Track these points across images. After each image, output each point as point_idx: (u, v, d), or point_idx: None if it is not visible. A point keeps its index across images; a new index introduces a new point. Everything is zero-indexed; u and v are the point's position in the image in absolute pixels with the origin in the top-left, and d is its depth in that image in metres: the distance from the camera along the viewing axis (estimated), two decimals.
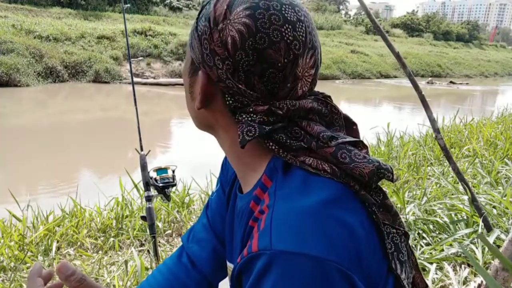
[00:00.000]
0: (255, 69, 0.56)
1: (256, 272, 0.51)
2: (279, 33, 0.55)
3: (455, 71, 31.17)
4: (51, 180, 5.15)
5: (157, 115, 10.31)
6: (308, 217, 0.52)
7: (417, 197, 2.91)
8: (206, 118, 0.66)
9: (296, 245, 0.50)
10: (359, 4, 2.25)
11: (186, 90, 0.68)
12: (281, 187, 0.58)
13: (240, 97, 0.59)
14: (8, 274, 2.11)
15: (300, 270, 0.49)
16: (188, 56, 0.65)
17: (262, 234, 0.53)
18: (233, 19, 0.56)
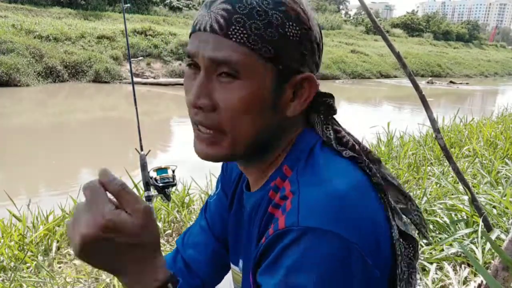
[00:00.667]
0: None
1: (281, 246, 0.53)
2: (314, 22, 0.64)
3: (455, 71, 31.16)
4: (51, 180, 5.15)
5: (157, 115, 10.30)
6: (335, 199, 0.55)
7: (417, 197, 2.90)
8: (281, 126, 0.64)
9: (323, 223, 0.52)
10: (359, 4, 2.25)
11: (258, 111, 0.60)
12: (304, 174, 0.60)
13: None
14: (8, 274, 2.11)
15: (324, 247, 0.51)
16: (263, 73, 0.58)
17: (290, 213, 0.55)
18: (310, 16, 0.61)
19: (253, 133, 0.61)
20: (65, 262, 2.34)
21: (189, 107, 0.63)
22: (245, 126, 0.60)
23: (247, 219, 0.71)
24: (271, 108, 0.61)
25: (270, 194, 0.64)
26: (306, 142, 0.65)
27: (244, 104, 0.58)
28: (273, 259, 0.54)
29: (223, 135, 0.61)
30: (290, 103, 0.62)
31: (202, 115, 0.61)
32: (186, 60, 0.63)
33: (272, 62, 0.58)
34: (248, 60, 0.57)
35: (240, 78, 0.57)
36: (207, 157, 0.64)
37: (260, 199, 0.66)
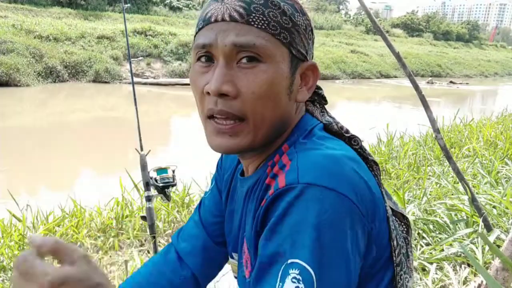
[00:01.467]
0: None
1: (285, 203, 0.55)
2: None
3: (455, 71, 31.16)
4: (51, 180, 5.15)
5: (157, 115, 10.30)
6: (332, 161, 0.58)
7: (417, 197, 2.90)
8: (293, 110, 0.67)
9: (323, 180, 0.55)
10: (359, 4, 2.25)
11: (278, 95, 0.62)
12: (301, 146, 0.63)
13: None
14: (8, 274, 2.11)
15: (326, 202, 0.53)
16: (281, 56, 0.62)
17: (289, 172, 0.57)
18: (302, 7, 0.65)
19: (273, 118, 0.63)
20: None
21: (204, 99, 0.63)
22: (266, 111, 0.62)
23: (242, 201, 0.72)
24: (287, 94, 0.64)
25: (268, 170, 0.65)
26: (308, 124, 0.68)
27: (267, 87, 0.60)
28: (278, 218, 0.55)
29: (243, 124, 0.62)
30: (299, 89, 0.66)
31: (224, 103, 0.61)
32: (197, 52, 0.64)
33: (288, 47, 0.62)
34: (269, 44, 0.60)
35: (262, 61, 0.60)
36: (228, 149, 0.64)
37: (258, 177, 0.68)
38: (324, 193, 0.54)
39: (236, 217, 0.76)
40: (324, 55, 23.80)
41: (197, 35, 0.65)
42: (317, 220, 0.52)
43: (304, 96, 0.67)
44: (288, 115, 0.66)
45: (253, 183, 0.69)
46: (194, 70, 0.65)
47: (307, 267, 0.51)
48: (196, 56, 0.64)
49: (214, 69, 0.61)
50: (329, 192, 0.54)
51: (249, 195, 0.70)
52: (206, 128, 0.65)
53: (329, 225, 0.53)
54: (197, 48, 0.63)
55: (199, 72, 0.64)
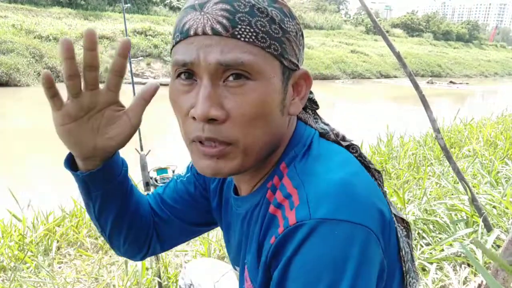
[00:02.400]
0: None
1: (297, 241, 0.51)
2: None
3: (455, 71, 31.17)
4: (51, 180, 5.15)
5: (157, 115, 10.28)
6: (342, 187, 0.53)
7: (417, 197, 2.90)
8: (285, 125, 0.62)
9: (335, 212, 0.51)
10: (359, 4, 2.25)
11: (271, 114, 0.57)
12: (303, 168, 0.59)
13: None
14: (8, 274, 2.11)
15: (340, 236, 0.50)
16: (271, 70, 0.56)
17: (299, 208, 0.53)
18: (291, 9, 0.60)
19: (265, 139, 0.58)
20: (65, 262, 2.34)
21: (188, 123, 0.57)
22: (258, 133, 0.56)
23: (241, 223, 0.69)
24: (280, 109, 0.58)
25: (268, 195, 0.61)
26: (304, 136, 0.64)
27: (258, 108, 0.55)
28: (288, 258, 0.51)
29: (232, 147, 0.56)
30: (292, 100, 0.61)
31: (212, 129, 0.55)
32: (177, 69, 0.57)
33: (279, 59, 0.56)
34: (259, 59, 0.54)
35: (252, 79, 0.54)
36: (217, 173, 0.58)
37: (258, 201, 0.64)
38: (341, 227, 0.50)
39: (233, 233, 0.74)
40: (324, 55, 23.80)
41: (174, 49, 0.57)
42: (331, 256, 0.49)
43: (297, 108, 0.61)
44: (280, 131, 0.61)
45: (252, 207, 0.65)
46: (174, 89, 0.58)
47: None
48: (176, 73, 0.57)
49: (198, 89, 0.55)
50: (344, 224, 0.50)
51: (248, 219, 0.66)
52: (191, 151, 0.60)
53: (344, 259, 0.49)
54: (177, 65, 0.56)
55: (181, 91, 0.57)
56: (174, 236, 0.86)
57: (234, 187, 0.72)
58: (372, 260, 0.52)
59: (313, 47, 24.94)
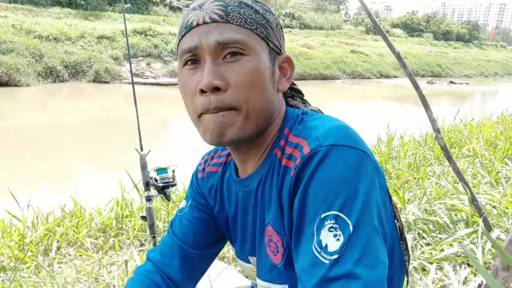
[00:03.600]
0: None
1: (313, 165, 0.60)
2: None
3: (455, 71, 31.18)
4: (51, 180, 5.15)
5: (157, 115, 10.30)
6: (344, 128, 0.65)
7: (417, 197, 2.90)
8: (278, 100, 0.73)
9: (344, 141, 0.61)
10: (359, 4, 2.25)
11: (263, 85, 0.67)
12: (304, 127, 0.68)
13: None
14: (8, 274, 2.11)
15: (351, 158, 0.60)
16: (261, 51, 0.67)
17: (310, 141, 0.63)
18: (270, 8, 0.72)
19: (263, 105, 0.67)
20: (65, 262, 2.34)
21: (196, 99, 0.66)
22: (256, 98, 0.66)
23: (254, 196, 0.74)
24: (271, 83, 0.69)
25: (279, 155, 0.69)
26: (295, 112, 0.74)
27: (253, 75, 0.65)
28: (307, 180, 0.60)
29: (236, 113, 0.66)
30: (279, 79, 0.72)
31: (217, 98, 0.64)
32: (184, 58, 0.68)
33: (265, 40, 0.68)
34: (249, 38, 0.66)
35: (245, 54, 0.65)
36: (223, 139, 0.67)
37: (269, 167, 0.71)
38: (347, 151, 0.60)
39: (244, 219, 0.78)
40: (324, 55, 23.80)
41: (181, 42, 0.69)
42: (344, 174, 0.58)
43: (285, 86, 0.72)
44: (274, 104, 0.71)
45: (264, 175, 0.72)
46: (182, 75, 0.69)
47: (340, 215, 0.56)
48: (183, 62, 0.68)
49: (202, 68, 0.66)
50: (352, 150, 0.60)
51: (262, 186, 0.72)
52: (199, 125, 0.68)
53: (356, 177, 0.58)
54: (183, 53, 0.67)
55: (188, 75, 0.68)
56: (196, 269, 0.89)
57: (236, 173, 0.79)
58: (374, 181, 0.61)
59: (313, 47, 24.92)
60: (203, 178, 0.88)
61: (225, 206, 0.82)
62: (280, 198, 0.68)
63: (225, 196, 0.82)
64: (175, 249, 0.87)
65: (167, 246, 0.89)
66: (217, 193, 0.84)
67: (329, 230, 0.56)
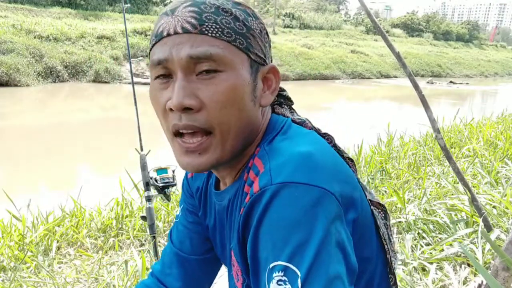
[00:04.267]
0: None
1: (261, 207, 0.54)
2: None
3: (455, 71, 31.18)
4: (51, 180, 5.15)
5: None
6: (303, 157, 0.56)
7: (417, 197, 2.90)
8: (258, 115, 0.66)
9: (294, 176, 0.54)
10: (359, 4, 2.25)
11: (242, 101, 0.61)
12: (270, 148, 0.62)
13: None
14: (8, 274, 2.11)
15: (301, 197, 0.52)
16: (240, 62, 0.61)
17: (262, 177, 0.57)
18: (255, 11, 0.65)
19: (240, 127, 0.62)
20: (65, 262, 2.34)
21: (167, 116, 0.61)
22: (232, 120, 0.60)
23: (223, 214, 0.72)
24: (251, 99, 0.62)
25: (245, 177, 0.64)
26: (277, 123, 0.68)
27: (230, 95, 0.59)
28: (257, 223, 0.54)
29: (211, 138, 0.61)
30: (263, 93, 0.65)
31: (188, 117, 0.59)
32: (154, 71, 0.62)
33: (245, 52, 0.61)
34: (226, 51, 0.59)
35: (222, 70, 0.59)
36: (199, 167, 0.62)
37: (237, 188, 0.67)
38: (300, 189, 0.53)
39: (219, 232, 0.76)
40: (324, 55, 23.80)
41: (151, 52, 0.63)
42: (295, 216, 0.51)
43: (268, 100, 0.66)
44: (254, 121, 0.65)
45: (233, 195, 0.68)
46: (153, 87, 0.63)
47: (289, 265, 0.50)
48: (154, 74, 0.62)
49: (174, 84, 0.60)
50: (306, 188, 0.53)
51: (231, 207, 0.68)
52: (174, 147, 0.64)
53: (309, 219, 0.51)
54: (153, 64, 0.61)
55: (158, 88, 0.62)
56: (197, 277, 0.88)
57: (215, 184, 0.76)
58: (336, 221, 0.53)
59: (313, 47, 24.92)
60: (192, 177, 0.86)
61: (207, 214, 0.81)
62: (238, 228, 0.63)
63: (208, 203, 0.80)
64: (173, 257, 0.86)
65: (166, 255, 0.88)
66: (202, 198, 0.82)
67: (278, 283, 0.49)
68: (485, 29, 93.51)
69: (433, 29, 46.06)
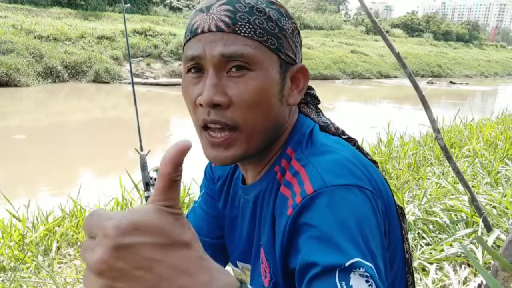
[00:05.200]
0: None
1: (321, 208, 0.56)
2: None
3: (455, 71, 31.16)
4: (51, 180, 5.15)
5: (157, 115, 10.30)
6: (346, 162, 0.61)
7: (417, 197, 2.90)
8: (286, 115, 0.68)
9: (346, 179, 0.58)
10: (359, 4, 2.25)
11: (269, 101, 0.63)
12: (309, 151, 0.65)
13: None
14: (8, 274, 2.11)
15: (356, 199, 0.56)
16: (270, 62, 0.62)
17: (312, 179, 0.59)
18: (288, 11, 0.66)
19: (266, 125, 0.64)
20: (65, 262, 2.34)
21: (197, 110, 0.64)
22: (259, 118, 0.62)
23: (249, 209, 0.72)
24: (278, 99, 0.64)
25: (278, 176, 0.66)
26: (305, 126, 0.70)
27: (258, 95, 0.61)
28: (317, 225, 0.54)
29: (237, 133, 0.63)
30: (290, 92, 0.67)
31: (217, 113, 0.61)
32: (187, 65, 0.64)
33: (276, 53, 0.63)
34: (257, 52, 0.61)
35: (252, 69, 0.61)
36: (225, 161, 0.64)
37: (267, 185, 0.68)
38: (352, 190, 0.56)
39: (241, 225, 0.76)
40: (324, 55, 23.79)
41: (185, 47, 0.65)
42: (354, 216, 0.54)
43: (296, 99, 0.67)
44: (281, 120, 0.67)
45: (262, 190, 0.69)
46: (185, 81, 0.65)
47: (365, 262, 0.51)
48: (186, 68, 0.65)
49: (205, 80, 0.62)
50: (356, 189, 0.57)
51: (260, 203, 0.69)
52: (202, 140, 0.66)
53: (365, 218, 0.55)
54: (187, 60, 0.64)
55: (191, 83, 0.64)
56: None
57: (242, 178, 0.76)
58: (379, 220, 0.58)
59: (313, 47, 24.93)
60: (215, 166, 0.86)
61: (228, 205, 0.81)
62: (273, 224, 0.64)
63: (230, 195, 0.80)
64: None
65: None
66: (224, 188, 0.82)
67: (360, 277, 0.50)
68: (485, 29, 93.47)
69: (433, 29, 46.06)
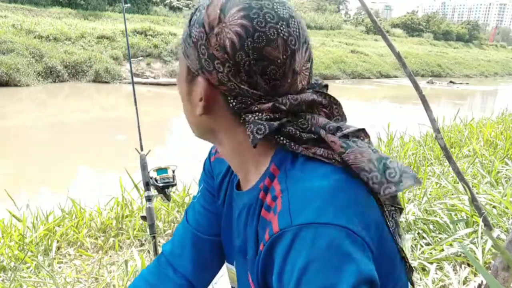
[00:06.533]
0: (256, 68, 0.57)
1: (282, 250, 0.53)
2: (275, 30, 0.57)
3: (455, 71, 31.17)
4: (51, 180, 5.15)
5: (157, 115, 10.30)
6: (323, 194, 0.55)
7: (417, 197, 2.90)
8: (207, 124, 0.66)
9: (316, 217, 0.52)
10: (359, 4, 2.25)
11: (184, 99, 0.68)
12: (291, 174, 0.60)
13: (243, 97, 0.60)
14: (8, 274, 2.11)
15: (323, 239, 0.51)
16: (183, 64, 0.65)
17: (281, 215, 0.55)
18: (228, 22, 0.57)
19: (189, 120, 0.69)
20: (65, 262, 2.34)
21: None
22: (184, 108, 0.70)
23: (240, 219, 0.71)
24: (188, 100, 0.67)
25: (261, 195, 0.63)
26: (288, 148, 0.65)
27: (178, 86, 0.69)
28: (279, 268, 0.53)
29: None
30: (199, 102, 0.64)
31: None
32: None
33: (184, 56, 0.64)
34: (180, 47, 0.66)
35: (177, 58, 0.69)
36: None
37: (252, 200, 0.66)
38: (319, 230, 0.51)
39: (237, 226, 0.75)
40: (324, 55, 23.79)
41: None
42: (317, 260, 0.50)
43: (199, 110, 0.64)
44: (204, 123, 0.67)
45: (247, 205, 0.67)
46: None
47: None
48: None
49: None
50: (324, 228, 0.51)
51: (245, 218, 0.68)
52: None
53: (331, 261, 0.50)
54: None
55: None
56: (208, 261, 0.87)
57: (238, 182, 0.75)
58: (357, 258, 0.51)
59: (313, 47, 24.83)
60: (214, 161, 0.85)
61: (225, 203, 0.80)
62: (256, 249, 0.62)
63: (228, 193, 0.79)
64: (187, 236, 0.85)
65: (179, 234, 0.87)
66: (223, 186, 0.81)
67: None
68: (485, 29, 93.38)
69: (433, 29, 46.06)
